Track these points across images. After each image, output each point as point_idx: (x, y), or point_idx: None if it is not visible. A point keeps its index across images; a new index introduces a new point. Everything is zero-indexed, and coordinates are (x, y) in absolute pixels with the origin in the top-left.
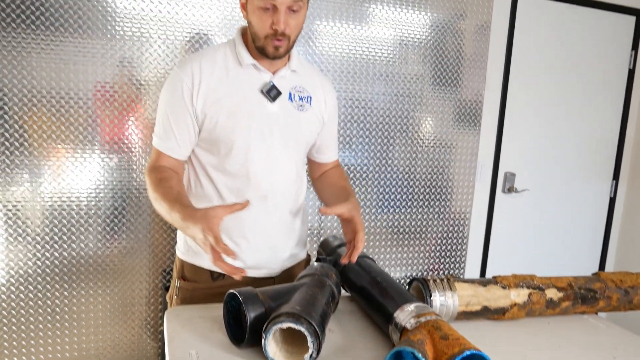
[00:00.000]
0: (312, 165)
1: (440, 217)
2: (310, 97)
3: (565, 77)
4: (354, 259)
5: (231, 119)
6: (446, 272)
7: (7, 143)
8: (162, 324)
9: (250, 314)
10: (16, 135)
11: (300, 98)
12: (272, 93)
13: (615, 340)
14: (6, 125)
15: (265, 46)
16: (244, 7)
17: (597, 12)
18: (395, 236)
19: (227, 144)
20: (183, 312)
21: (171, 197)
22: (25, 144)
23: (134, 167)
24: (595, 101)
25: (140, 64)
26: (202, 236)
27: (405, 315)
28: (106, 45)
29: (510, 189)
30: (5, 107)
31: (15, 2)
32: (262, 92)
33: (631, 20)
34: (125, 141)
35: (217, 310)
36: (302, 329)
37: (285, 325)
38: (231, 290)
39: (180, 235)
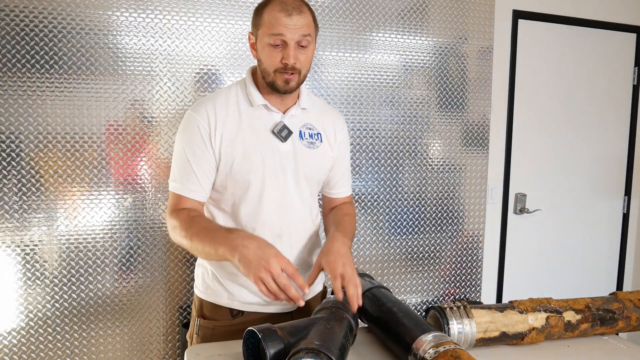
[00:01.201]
0: (324, 200)
1: (453, 240)
2: (320, 134)
3: (570, 96)
4: (353, 307)
5: (246, 160)
6: (462, 296)
7: (23, 188)
8: None
9: (270, 350)
10: (33, 180)
11: (311, 135)
12: (283, 133)
13: None
14: (23, 171)
15: (275, 80)
16: (253, 46)
17: (597, 32)
18: (409, 262)
19: (243, 185)
20: (203, 350)
21: (214, 226)
22: (42, 188)
23: (148, 205)
24: (601, 118)
25: (151, 104)
26: (273, 260)
27: (424, 345)
28: (118, 88)
29: (522, 210)
30: (22, 153)
31: (28, 49)
32: (273, 132)
33: (632, 37)
34: (139, 180)
35: (236, 347)
36: None
37: None
38: (250, 328)
39: (198, 274)
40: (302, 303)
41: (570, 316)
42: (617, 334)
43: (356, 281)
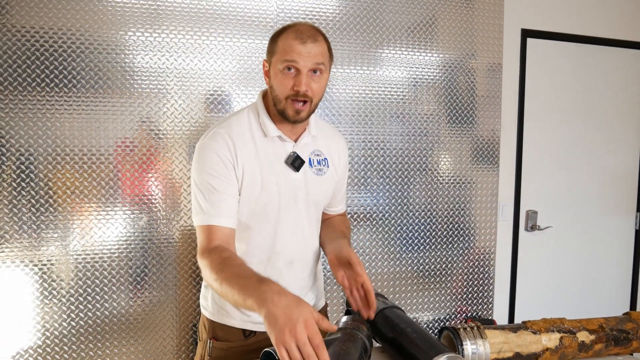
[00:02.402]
0: None
1: (465, 258)
2: (327, 159)
3: (579, 114)
4: (373, 307)
5: (265, 192)
6: (475, 313)
7: (42, 208)
8: None
9: None
10: (50, 200)
11: (319, 162)
12: (296, 163)
13: None
14: (41, 192)
15: (286, 109)
16: (267, 74)
17: (606, 49)
18: (421, 279)
19: (260, 217)
20: None
21: (246, 272)
22: (59, 208)
23: (161, 222)
24: (612, 134)
25: (165, 124)
26: (300, 326)
27: None
28: (132, 109)
29: (533, 227)
30: (41, 174)
31: (41, 67)
32: (287, 163)
33: None
34: (154, 200)
35: None
36: None
37: None
38: (266, 349)
39: (206, 296)
40: None
41: (584, 336)
42: (632, 354)
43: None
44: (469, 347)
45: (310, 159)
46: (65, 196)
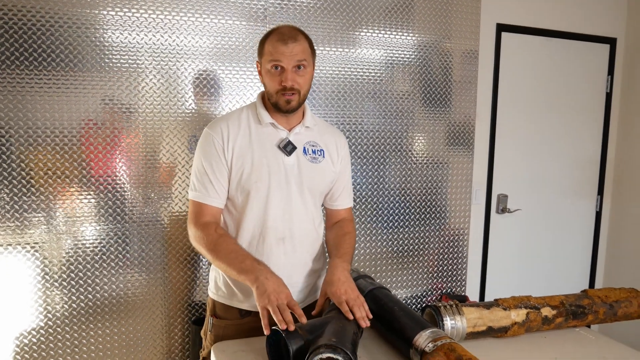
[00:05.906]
0: (327, 213)
1: (439, 239)
2: (323, 151)
3: (548, 104)
4: (362, 325)
5: (254, 170)
6: (449, 290)
7: (17, 191)
8: (186, 356)
9: (293, 347)
10: (25, 178)
11: (314, 152)
12: (288, 148)
13: (603, 349)
14: (12, 169)
15: (277, 101)
16: (260, 73)
17: (574, 43)
18: (398, 258)
19: (250, 194)
20: (227, 347)
21: (242, 251)
22: (36, 186)
23: (141, 199)
24: (577, 124)
25: (138, 100)
26: (283, 296)
27: (423, 340)
28: (102, 81)
29: (503, 210)
30: (7, 150)
31: (9, 40)
32: (279, 147)
33: (605, 48)
34: (132, 179)
35: (257, 343)
36: (340, 358)
37: (325, 355)
38: (273, 327)
39: (211, 278)
40: (291, 327)
41: (547, 312)
42: (589, 326)
43: (361, 302)
44: (448, 322)
45: (305, 147)
46: (44, 177)
